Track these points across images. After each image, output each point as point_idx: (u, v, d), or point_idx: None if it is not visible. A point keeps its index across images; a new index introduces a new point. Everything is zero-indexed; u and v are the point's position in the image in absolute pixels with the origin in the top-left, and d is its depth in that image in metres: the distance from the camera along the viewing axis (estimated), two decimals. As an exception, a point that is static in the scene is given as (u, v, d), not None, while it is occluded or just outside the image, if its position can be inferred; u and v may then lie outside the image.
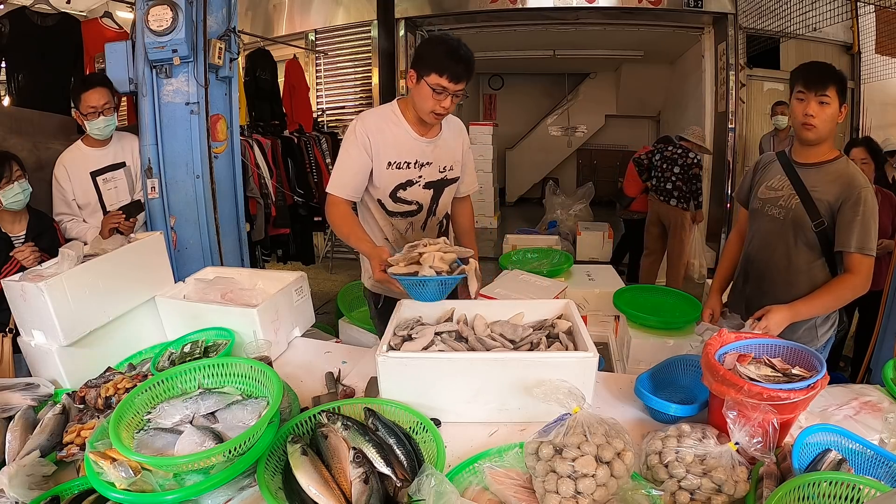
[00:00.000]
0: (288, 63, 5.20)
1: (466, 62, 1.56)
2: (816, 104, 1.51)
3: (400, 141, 1.69)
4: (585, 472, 0.92)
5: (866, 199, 1.48)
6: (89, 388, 1.32)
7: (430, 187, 1.77)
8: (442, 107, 1.60)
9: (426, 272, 1.39)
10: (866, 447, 1.04)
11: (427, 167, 1.73)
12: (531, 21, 5.68)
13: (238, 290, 1.72)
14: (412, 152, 1.70)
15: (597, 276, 3.07)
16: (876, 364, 2.17)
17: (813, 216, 1.55)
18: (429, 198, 1.78)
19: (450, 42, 1.57)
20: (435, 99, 1.58)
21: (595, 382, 1.25)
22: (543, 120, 9.07)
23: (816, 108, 1.51)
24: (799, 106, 1.55)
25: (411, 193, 1.74)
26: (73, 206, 2.27)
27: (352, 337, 2.67)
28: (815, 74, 1.53)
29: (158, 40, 2.27)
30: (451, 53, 1.54)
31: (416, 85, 1.60)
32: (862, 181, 1.51)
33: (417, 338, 1.34)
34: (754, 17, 5.16)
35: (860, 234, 1.48)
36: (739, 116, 5.33)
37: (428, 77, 1.56)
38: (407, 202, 1.75)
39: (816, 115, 1.51)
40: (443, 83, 1.55)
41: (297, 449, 1.02)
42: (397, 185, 1.72)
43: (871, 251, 1.49)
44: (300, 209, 4.17)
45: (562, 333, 1.38)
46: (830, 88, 1.50)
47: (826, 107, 1.50)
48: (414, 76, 1.60)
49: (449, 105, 1.61)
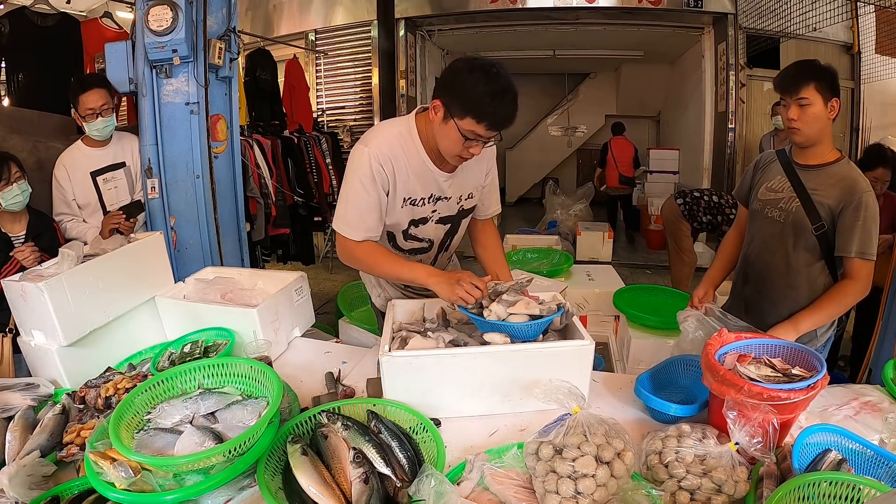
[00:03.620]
0: (288, 63, 5.21)
1: (512, 105, 1.25)
2: (796, 108, 1.51)
3: (418, 174, 1.41)
4: (585, 473, 0.92)
5: (868, 204, 1.48)
6: (89, 388, 1.32)
7: (445, 222, 1.54)
8: (470, 153, 1.32)
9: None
10: (866, 447, 1.04)
11: (443, 201, 1.48)
12: (531, 21, 5.69)
13: (238, 290, 1.72)
14: (428, 186, 1.44)
15: (597, 276, 3.08)
16: (876, 364, 2.17)
17: (813, 219, 1.54)
18: (442, 233, 1.57)
19: (493, 76, 1.23)
20: (464, 145, 1.30)
21: (594, 381, 1.26)
22: (543, 120, 9.08)
23: (797, 112, 1.51)
24: (783, 111, 1.57)
25: (423, 231, 1.52)
26: (73, 206, 2.27)
27: (352, 337, 2.67)
28: (788, 79, 1.54)
29: (158, 40, 2.27)
30: (497, 95, 1.22)
31: (444, 123, 1.29)
32: (863, 185, 1.50)
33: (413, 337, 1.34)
34: (754, 17, 5.17)
35: (861, 239, 1.48)
36: (739, 116, 5.34)
37: (461, 121, 1.25)
38: (418, 239, 1.54)
39: (798, 118, 1.51)
40: (479, 131, 1.26)
41: (297, 449, 1.02)
42: (410, 222, 1.49)
43: (871, 256, 1.49)
44: (300, 209, 4.18)
45: (552, 331, 1.39)
46: (806, 89, 1.49)
47: (807, 108, 1.49)
48: (441, 111, 1.28)
49: (479, 152, 1.33)
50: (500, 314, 1.29)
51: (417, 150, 1.39)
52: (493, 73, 1.23)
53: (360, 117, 5.92)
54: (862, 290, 1.51)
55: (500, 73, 1.24)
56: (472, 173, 1.51)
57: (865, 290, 1.51)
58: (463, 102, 1.24)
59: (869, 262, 1.49)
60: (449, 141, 1.31)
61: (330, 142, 4.81)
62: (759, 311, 1.67)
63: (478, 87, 1.22)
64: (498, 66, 1.25)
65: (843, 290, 1.53)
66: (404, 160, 1.38)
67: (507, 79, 1.24)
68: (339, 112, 6.00)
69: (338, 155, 5.06)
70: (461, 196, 1.52)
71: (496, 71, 1.24)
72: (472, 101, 1.23)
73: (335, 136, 5.16)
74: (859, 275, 1.50)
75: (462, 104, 1.24)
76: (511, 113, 1.26)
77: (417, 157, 1.40)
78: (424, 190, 1.44)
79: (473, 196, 1.56)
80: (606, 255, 5.60)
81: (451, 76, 1.29)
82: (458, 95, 1.25)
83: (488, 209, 1.66)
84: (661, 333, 2.35)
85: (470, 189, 1.54)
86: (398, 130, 1.41)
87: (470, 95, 1.23)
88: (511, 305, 1.30)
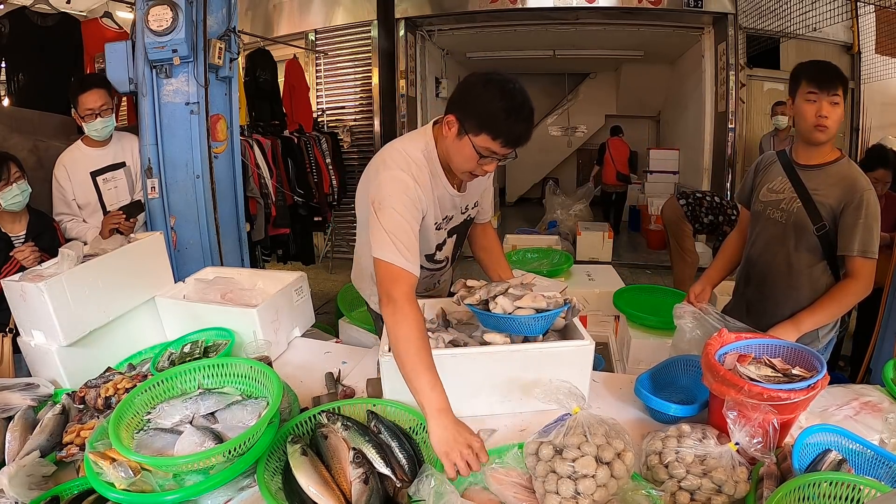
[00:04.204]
0: (288, 63, 5.20)
1: (528, 122, 1.21)
2: (829, 105, 1.48)
3: (443, 197, 1.40)
4: (585, 473, 0.92)
5: (869, 202, 1.47)
6: (89, 389, 1.32)
7: (452, 233, 1.53)
8: (484, 170, 1.30)
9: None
10: (866, 447, 1.04)
11: (452, 218, 1.48)
12: (531, 21, 5.68)
13: (238, 290, 1.72)
14: (449, 209, 1.44)
15: (597, 276, 3.08)
16: (876, 364, 2.17)
17: (815, 219, 1.54)
18: (452, 246, 1.56)
19: (509, 91, 1.19)
20: (479, 163, 1.27)
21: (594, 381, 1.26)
22: (543, 120, 9.08)
23: (829, 109, 1.48)
24: (810, 107, 1.50)
25: (443, 251, 1.53)
26: (73, 206, 2.27)
27: (352, 337, 2.67)
28: (826, 75, 1.50)
29: (158, 40, 2.27)
30: (513, 112, 1.19)
31: (458, 139, 1.25)
32: (864, 184, 1.50)
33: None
34: (754, 17, 5.16)
35: (863, 238, 1.47)
36: (739, 116, 5.33)
37: (476, 137, 1.22)
38: (438, 261, 1.54)
39: (829, 115, 1.48)
40: (494, 148, 1.22)
41: (297, 449, 1.02)
42: (436, 246, 1.49)
43: (873, 254, 1.48)
44: (300, 209, 4.18)
45: (552, 331, 1.40)
46: (840, 88, 1.48)
47: (837, 107, 1.48)
48: (455, 126, 1.25)
49: (492, 170, 1.32)
50: (507, 308, 1.27)
51: (440, 174, 1.36)
52: (510, 90, 1.19)
53: (360, 117, 5.92)
54: (864, 289, 1.50)
55: (517, 88, 1.21)
56: (478, 182, 1.48)
57: (868, 288, 1.50)
58: (478, 119, 1.21)
59: (871, 260, 1.48)
60: (462, 157, 1.27)
61: (330, 142, 4.81)
62: (761, 312, 1.67)
63: (493, 102, 1.19)
64: (514, 82, 1.21)
65: (846, 290, 1.52)
66: (433, 184, 1.35)
67: (523, 94, 1.21)
68: (339, 112, 6.00)
69: (338, 155, 5.06)
70: (467, 206, 1.50)
71: (512, 87, 1.20)
72: (488, 117, 1.19)
73: (335, 136, 5.16)
74: (861, 273, 1.49)
75: (477, 121, 1.21)
76: (527, 130, 1.22)
77: (441, 180, 1.37)
78: (447, 211, 1.43)
79: (478, 203, 1.55)
80: (606, 255, 5.60)
81: (465, 91, 1.25)
82: (472, 111, 1.22)
83: (486, 213, 1.64)
84: (661, 333, 2.35)
85: (476, 198, 1.53)
86: (421, 152, 1.34)
87: (485, 112, 1.20)
88: (517, 299, 1.28)
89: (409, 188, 1.27)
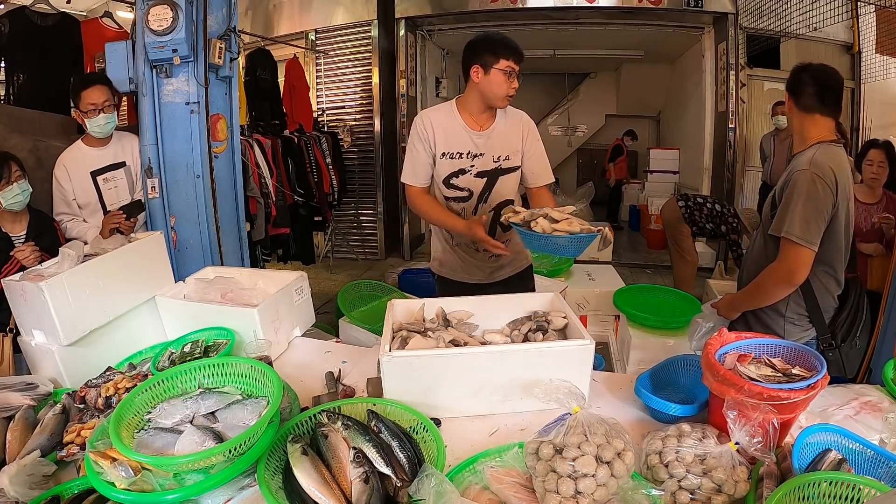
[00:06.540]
0: (288, 63, 5.21)
1: (513, 40, 1.77)
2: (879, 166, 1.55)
3: (454, 134, 1.85)
4: (586, 472, 0.92)
5: (796, 182, 1.41)
6: (89, 388, 1.32)
7: (482, 176, 1.88)
8: (513, 87, 1.77)
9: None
10: (866, 447, 1.04)
11: (479, 158, 1.86)
12: (531, 21, 5.69)
13: (238, 290, 1.72)
14: (465, 144, 1.85)
15: (597, 275, 3.08)
16: (876, 364, 2.17)
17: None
18: (481, 186, 1.90)
19: (496, 34, 1.77)
20: (507, 82, 1.74)
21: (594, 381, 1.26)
22: (544, 120, 9.07)
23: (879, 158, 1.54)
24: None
25: (463, 181, 1.89)
26: (73, 206, 2.27)
27: (352, 337, 2.66)
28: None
29: (158, 40, 2.27)
30: (506, 40, 1.74)
31: (486, 76, 1.74)
32: (800, 164, 1.43)
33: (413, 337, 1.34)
34: (754, 16, 5.16)
35: (786, 218, 1.41)
36: (739, 116, 5.33)
37: (498, 63, 1.72)
38: (459, 188, 1.90)
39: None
40: (512, 65, 1.73)
41: (297, 449, 1.02)
42: (450, 174, 1.88)
43: (797, 238, 1.40)
44: (300, 209, 4.18)
45: (552, 331, 1.41)
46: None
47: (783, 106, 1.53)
48: (480, 71, 1.75)
49: (517, 85, 1.78)
50: (546, 228, 1.49)
51: (454, 117, 1.85)
52: (493, 33, 1.77)
53: (361, 117, 5.92)
54: (785, 273, 1.42)
55: (495, 32, 1.78)
56: (509, 137, 1.88)
57: (791, 276, 1.42)
58: (494, 52, 1.72)
59: (794, 245, 1.40)
60: (496, 86, 1.74)
61: (330, 141, 4.82)
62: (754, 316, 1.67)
63: (493, 42, 1.73)
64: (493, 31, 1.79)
65: (766, 271, 1.45)
66: (444, 123, 1.84)
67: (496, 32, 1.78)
68: (340, 112, 6.00)
69: (338, 155, 5.06)
70: (497, 156, 1.87)
71: (493, 32, 1.78)
72: (498, 48, 1.72)
73: (335, 136, 5.17)
74: (783, 256, 1.43)
75: (494, 53, 1.72)
76: (519, 48, 1.75)
77: (454, 121, 1.85)
78: (462, 146, 1.85)
79: (511, 158, 1.89)
80: (606, 254, 5.60)
81: (471, 50, 1.77)
82: (485, 53, 1.73)
83: (539, 178, 1.95)
84: (661, 333, 2.35)
85: (507, 151, 1.88)
86: (442, 106, 1.91)
87: (493, 48, 1.72)
88: (555, 223, 1.50)
89: (417, 126, 1.85)
